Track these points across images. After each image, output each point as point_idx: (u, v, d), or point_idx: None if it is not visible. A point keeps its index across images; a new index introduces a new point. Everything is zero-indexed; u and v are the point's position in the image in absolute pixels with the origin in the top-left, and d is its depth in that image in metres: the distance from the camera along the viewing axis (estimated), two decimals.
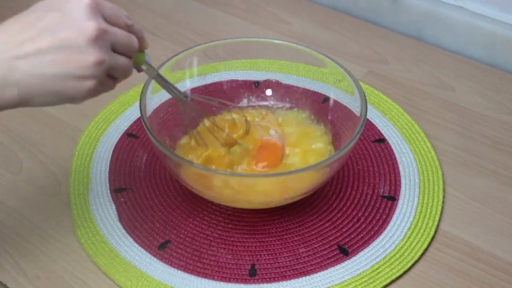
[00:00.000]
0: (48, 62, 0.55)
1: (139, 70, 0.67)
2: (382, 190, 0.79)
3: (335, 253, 0.73)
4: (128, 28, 0.60)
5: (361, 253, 0.73)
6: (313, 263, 0.72)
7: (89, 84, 0.57)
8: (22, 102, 0.56)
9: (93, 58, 0.56)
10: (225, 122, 0.80)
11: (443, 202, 0.79)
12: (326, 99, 0.83)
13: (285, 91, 0.86)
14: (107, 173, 0.81)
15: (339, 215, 0.76)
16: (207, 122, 0.79)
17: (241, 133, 0.79)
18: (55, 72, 0.55)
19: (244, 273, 0.71)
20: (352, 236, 0.74)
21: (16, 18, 0.57)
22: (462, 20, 1.03)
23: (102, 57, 0.56)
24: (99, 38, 0.56)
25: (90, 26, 0.55)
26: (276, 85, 0.87)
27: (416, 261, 0.72)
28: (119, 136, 0.86)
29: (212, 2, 1.13)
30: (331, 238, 0.74)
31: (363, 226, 0.75)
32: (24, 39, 0.55)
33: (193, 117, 0.76)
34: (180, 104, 0.74)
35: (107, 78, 0.59)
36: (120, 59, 0.59)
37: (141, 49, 0.65)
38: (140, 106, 0.73)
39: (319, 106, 0.84)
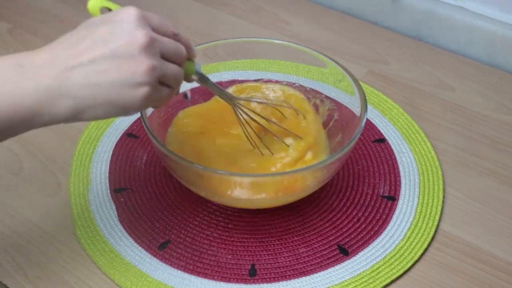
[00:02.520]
0: (102, 71, 0.56)
1: (190, 80, 0.67)
2: (382, 190, 0.79)
3: (335, 253, 0.73)
4: (175, 37, 0.62)
5: (361, 253, 0.73)
6: (313, 263, 0.72)
7: (143, 91, 0.57)
8: (76, 114, 0.57)
9: (145, 65, 0.57)
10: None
11: (443, 202, 0.79)
12: (326, 99, 0.83)
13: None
14: (107, 173, 0.81)
15: (339, 215, 0.77)
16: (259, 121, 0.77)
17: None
18: (109, 80, 0.56)
19: (244, 273, 0.71)
20: (352, 236, 0.74)
21: (68, 35, 0.58)
22: (462, 20, 1.03)
23: (154, 64, 0.57)
24: (149, 46, 0.57)
25: (140, 34, 0.57)
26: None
27: (416, 261, 0.72)
28: (119, 136, 0.86)
29: (212, 2, 1.13)
30: (331, 238, 0.74)
31: (363, 226, 0.75)
32: (77, 52, 0.56)
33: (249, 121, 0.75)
34: (234, 109, 0.73)
35: (160, 86, 0.60)
36: (170, 66, 0.60)
37: (189, 58, 0.66)
38: None
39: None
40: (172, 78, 0.61)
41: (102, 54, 0.56)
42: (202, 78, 0.69)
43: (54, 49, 0.57)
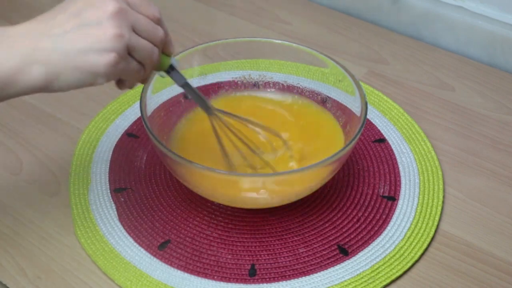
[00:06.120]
0: (71, 39, 0.58)
1: (161, 75, 0.67)
2: (382, 190, 0.79)
3: (335, 253, 0.73)
4: (155, 21, 0.63)
5: (361, 253, 0.73)
6: (313, 263, 0.72)
7: (109, 57, 0.59)
8: (49, 82, 0.59)
9: (111, 31, 0.58)
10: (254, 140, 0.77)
11: (443, 202, 0.79)
12: (326, 99, 0.83)
13: (285, 91, 0.86)
14: (107, 173, 0.81)
15: (339, 215, 0.77)
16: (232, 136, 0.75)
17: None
18: (76, 47, 0.58)
19: (244, 273, 0.71)
20: (352, 236, 0.74)
21: (47, 12, 0.60)
22: (462, 20, 1.03)
23: (120, 32, 0.59)
24: (118, 14, 0.59)
25: (110, 4, 0.59)
26: (276, 85, 0.87)
27: (416, 261, 0.72)
28: (119, 136, 0.86)
29: (212, 2, 1.13)
30: (331, 238, 0.74)
31: (363, 226, 0.75)
32: (51, 25, 0.59)
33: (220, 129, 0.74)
34: (210, 120, 0.73)
35: (130, 58, 0.61)
36: (142, 40, 0.61)
37: (166, 52, 0.66)
38: (140, 106, 0.73)
39: (319, 106, 0.84)
40: (143, 54, 0.62)
41: (74, 24, 0.58)
42: (176, 77, 0.68)
43: (30, 23, 0.59)
